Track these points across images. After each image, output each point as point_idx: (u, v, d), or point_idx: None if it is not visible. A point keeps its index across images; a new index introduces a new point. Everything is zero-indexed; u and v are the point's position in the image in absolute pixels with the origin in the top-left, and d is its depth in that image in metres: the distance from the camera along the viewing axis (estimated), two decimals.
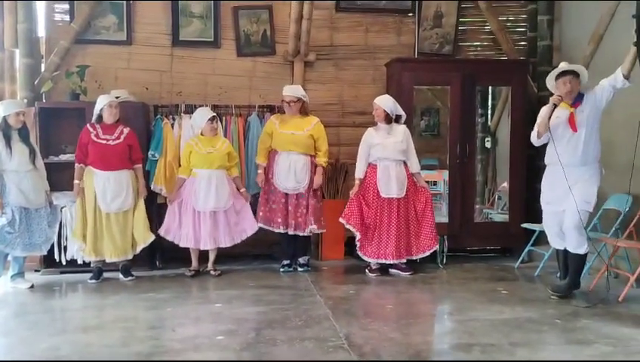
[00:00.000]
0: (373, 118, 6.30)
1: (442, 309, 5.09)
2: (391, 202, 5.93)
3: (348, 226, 6.00)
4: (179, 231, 5.97)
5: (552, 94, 5.14)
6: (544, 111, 5.05)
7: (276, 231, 6.12)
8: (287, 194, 6.08)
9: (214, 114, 6.08)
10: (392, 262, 5.97)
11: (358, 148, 6.16)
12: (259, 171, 6.17)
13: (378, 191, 5.94)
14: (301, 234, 6.13)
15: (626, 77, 4.70)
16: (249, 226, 6.06)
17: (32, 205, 5.61)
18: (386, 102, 6.01)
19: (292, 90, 6.19)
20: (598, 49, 6.41)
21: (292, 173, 6.04)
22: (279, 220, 6.07)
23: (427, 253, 6.08)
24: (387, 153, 5.94)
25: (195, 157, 5.94)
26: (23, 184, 5.54)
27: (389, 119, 6.01)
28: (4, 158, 5.48)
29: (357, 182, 6.03)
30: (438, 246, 6.23)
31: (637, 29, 4.37)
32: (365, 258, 6.01)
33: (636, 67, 4.59)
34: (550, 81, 5.05)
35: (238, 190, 6.10)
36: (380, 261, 5.97)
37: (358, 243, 6.02)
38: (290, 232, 6.10)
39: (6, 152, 5.48)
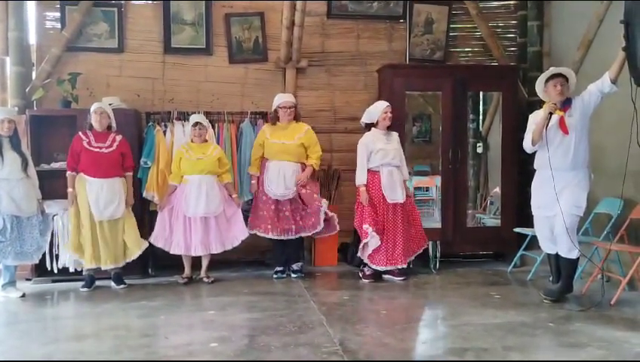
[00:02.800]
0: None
1: (436, 314, 5.08)
2: (395, 207, 5.95)
3: (372, 234, 5.86)
4: (170, 238, 5.96)
5: (542, 100, 5.17)
6: (537, 118, 5.07)
7: (266, 236, 6.11)
8: (277, 200, 6.08)
9: (199, 120, 6.03)
10: (385, 269, 5.97)
11: (351, 153, 6.17)
12: (252, 181, 6.21)
13: (383, 197, 5.93)
14: (305, 235, 6.22)
15: (613, 81, 4.73)
16: (240, 232, 6.04)
17: (23, 213, 5.58)
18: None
19: (288, 97, 6.29)
20: (588, 54, 6.46)
21: (282, 180, 6.05)
22: (269, 226, 6.07)
23: (419, 252, 6.14)
24: (389, 158, 5.96)
25: (185, 164, 5.94)
26: (15, 192, 5.50)
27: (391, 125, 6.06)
28: None
29: (362, 188, 5.96)
30: (430, 247, 6.31)
31: (625, 34, 4.40)
32: (374, 266, 5.96)
33: (625, 72, 4.63)
34: (540, 86, 5.08)
35: (231, 196, 6.10)
36: (389, 268, 5.95)
37: (369, 251, 5.94)
38: (284, 237, 6.09)
39: None
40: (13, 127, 5.56)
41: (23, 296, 5.55)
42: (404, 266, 5.99)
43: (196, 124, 6.00)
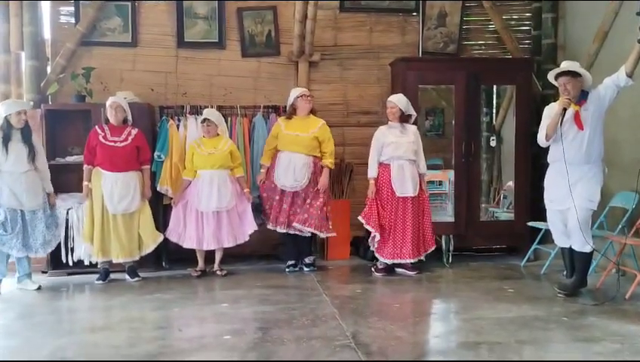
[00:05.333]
0: (378, 118, 6.28)
1: (448, 308, 5.08)
2: (405, 201, 5.92)
3: (367, 227, 5.94)
4: (184, 232, 5.99)
5: (557, 92, 5.12)
6: (552, 111, 5.02)
7: (273, 228, 6.12)
8: (283, 191, 6.08)
9: (208, 116, 5.99)
10: (393, 262, 5.96)
11: (364, 147, 6.16)
12: (261, 170, 6.20)
13: (392, 190, 5.91)
14: (298, 232, 6.11)
15: (629, 75, 4.68)
16: (249, 227, 6.05)
17: (24, 207, 5.52)
18: (401, 101, 6.01)
19: (305, 90, 6.37)
20: (603, 47, 6.40)
21: (291, 171, 6.04)
22: (278, 218, 6.08)
23: (425, 254, 6.09)
24: (401, 152, 5.92)
25: (197, 159, 5.97)
26: (17, 186, 5.46)
27: (403, 118, 6.02)
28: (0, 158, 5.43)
29: (372, 182, 5.98)
30: (443, 241, 6.34)
31: None
32: (382, 259, 5.97)
33: None
34: (551, 79, 5.05)
35: (243, 190, 6.11)
36: (396, 261, 5.95)
37: (376, 244, 5.98)
38: (281, 230, 6.09)
39: (1, 152, 5.42)
40: (24, 119, 5.54)
41: (39, 288, 5.60)
42: (414, 260, 5.96)
43: (204, 120, 6.02)
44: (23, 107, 5.60)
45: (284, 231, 6.11)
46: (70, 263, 6.11)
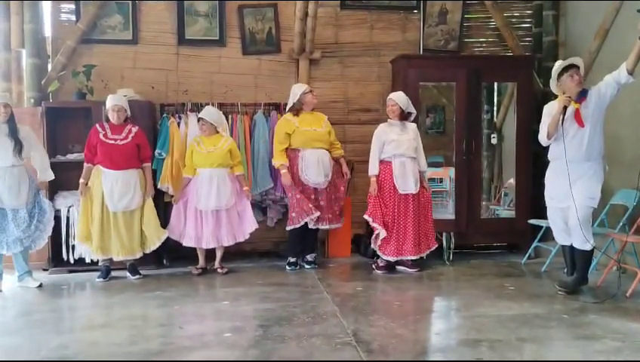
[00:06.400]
0: (378, 115, 6.25)
1: (449, 305, 5.08)
2: (407, 198, 5.91)
3: (373, 225, 5.92)
4: (184, 230, 5.99)
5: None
6: (552, 109, 5.01)
7: (316, 226, 6.08)
8: (316, 189, 6.08)
9: (203, 115, 5.98)
10: (395, 259, 5.96)
11: (365, 145, 6.15)
12: (283, 171, 6.00)
13: (395, 187, 5.91)
14: (335, 226, 6.29)
15: (630, 72, 4.67)
16: (248, 225, 6.05)
17: (5, 206, 5.44)
18: (401, 99, 6.01)
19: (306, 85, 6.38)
20: (604, 44, 6.39)
21: (321, 168, 6.05)
22: (318, 215, 6.06)
23: (428, 252, 6.08)
24: (402, 149, 5.91)
25: (196, 157, 5.97)
26: None
27: (403, 116, 6.01)
28: None
29: (373, 179, 5.97)
30: (444, 238, 6.36)
31: None
32: (385, 257, 5.96)
33: None
34: (553, 81, 5.04)
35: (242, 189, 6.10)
36: (399, 258, 5.94)
37: (379, 242, 5.95)
38: (324, 227, 6.15)
39: None
40: (10, 112, 5.46)
41: (40, 286, 5.60)
42: (415, 257, 5.97)
43: (199, 119, 6.01)
44: (3, 99, 5.46)
45: (327, 227, 6.20)
46: (71, 261, 6.13)
